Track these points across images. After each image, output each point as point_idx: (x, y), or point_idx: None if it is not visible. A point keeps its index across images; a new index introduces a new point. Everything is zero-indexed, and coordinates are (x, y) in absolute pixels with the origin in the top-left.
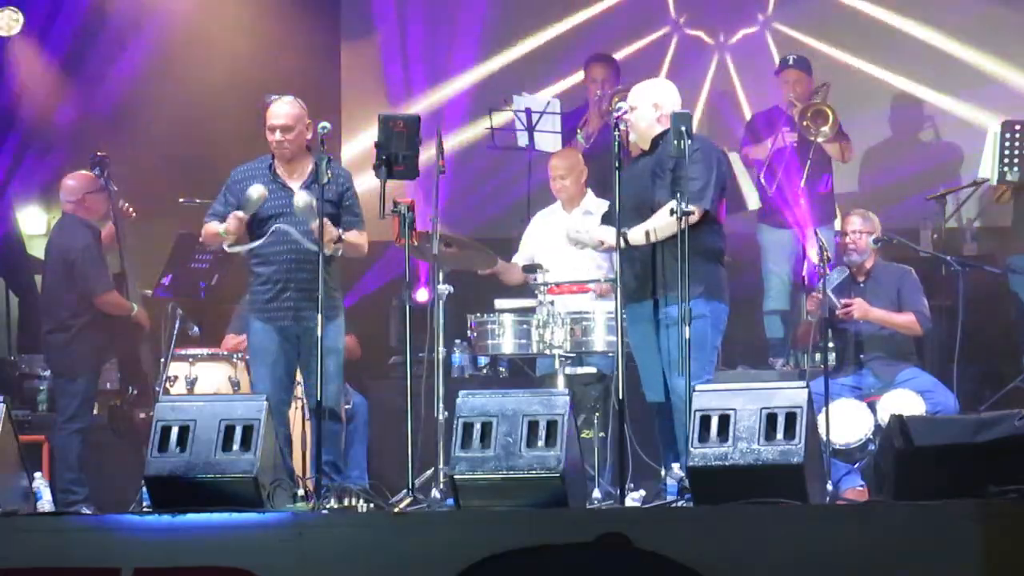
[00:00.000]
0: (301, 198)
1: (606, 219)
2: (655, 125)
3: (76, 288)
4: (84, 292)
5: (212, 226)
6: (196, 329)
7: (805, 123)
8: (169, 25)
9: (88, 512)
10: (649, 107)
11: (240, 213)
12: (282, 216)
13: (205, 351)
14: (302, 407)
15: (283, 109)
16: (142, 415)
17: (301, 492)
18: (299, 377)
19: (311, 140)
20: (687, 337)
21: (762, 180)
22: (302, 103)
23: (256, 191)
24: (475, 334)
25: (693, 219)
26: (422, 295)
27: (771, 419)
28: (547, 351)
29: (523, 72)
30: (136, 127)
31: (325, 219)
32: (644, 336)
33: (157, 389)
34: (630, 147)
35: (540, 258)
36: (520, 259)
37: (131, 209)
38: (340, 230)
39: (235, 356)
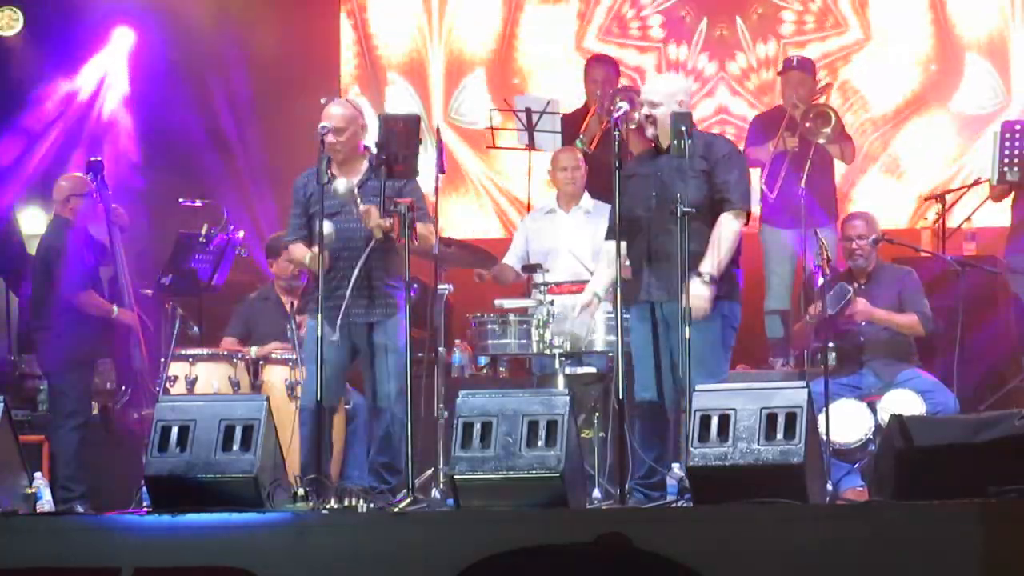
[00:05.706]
0: (342, 184)
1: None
2: None
3: (55, 287)
4: (62, 292)
5: (299, 251)
6: (196, 329)
7: (807, 124)
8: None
9: (84, 509)
10: (674, 104)
11: (328, 225)
12: (333, 216)
13: (205, 351)
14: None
15: (335, 111)
16: (135, 415)
17: (301, 492)
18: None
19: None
20: (687, 337)
21: (763, 187)
22: (356, 105)
23: (342, 184)
24: (475, 334)
25: (742, 222)
26: None
27: (771, 419)
28: (547, 351)
29: None
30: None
31: (372, 206)
32: (650, 336)
33: (156, 389)
34: (631, 145)
35: (538, 258)
36: (512, 259)
37: (121, 211)
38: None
39: (235, 356)
